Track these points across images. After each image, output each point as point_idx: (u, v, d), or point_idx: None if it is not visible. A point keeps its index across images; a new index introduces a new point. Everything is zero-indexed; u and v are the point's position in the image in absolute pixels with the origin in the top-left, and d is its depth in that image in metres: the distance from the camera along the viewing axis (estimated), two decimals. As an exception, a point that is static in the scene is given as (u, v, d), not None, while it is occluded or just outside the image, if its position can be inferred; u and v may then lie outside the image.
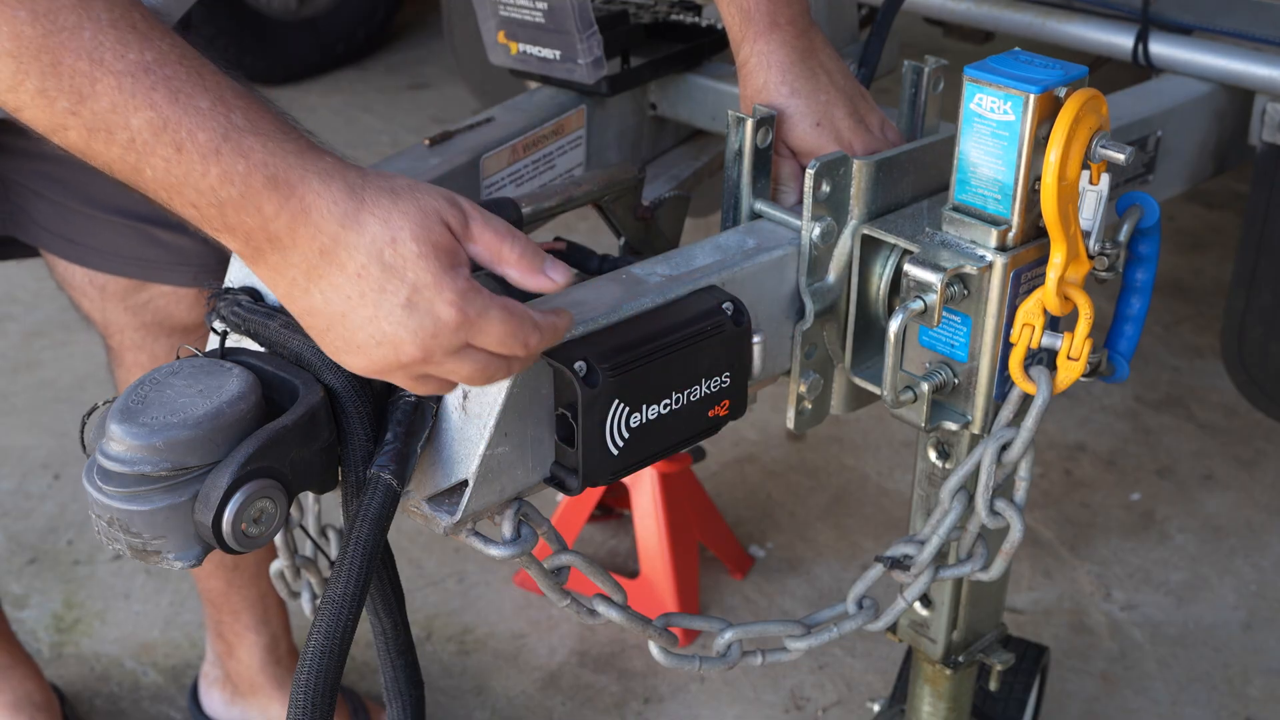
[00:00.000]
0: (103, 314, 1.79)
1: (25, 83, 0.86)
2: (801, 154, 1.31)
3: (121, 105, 0.87)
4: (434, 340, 0.93)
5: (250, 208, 0.89)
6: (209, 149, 0.88)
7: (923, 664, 1.59)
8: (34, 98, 0.86)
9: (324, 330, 0.94)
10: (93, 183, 1.70)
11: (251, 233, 0.90)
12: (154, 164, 0.88)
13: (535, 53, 1.54)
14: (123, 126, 0.87)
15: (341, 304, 0.92)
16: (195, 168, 0.88)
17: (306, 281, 0.92)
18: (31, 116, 0.88)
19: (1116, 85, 1.68)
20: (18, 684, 2.12)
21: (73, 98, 0.86)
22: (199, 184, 0.89)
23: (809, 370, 1.29)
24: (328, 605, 0.96)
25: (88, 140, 0.88)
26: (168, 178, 0.89)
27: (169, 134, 0.87)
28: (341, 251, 0.91)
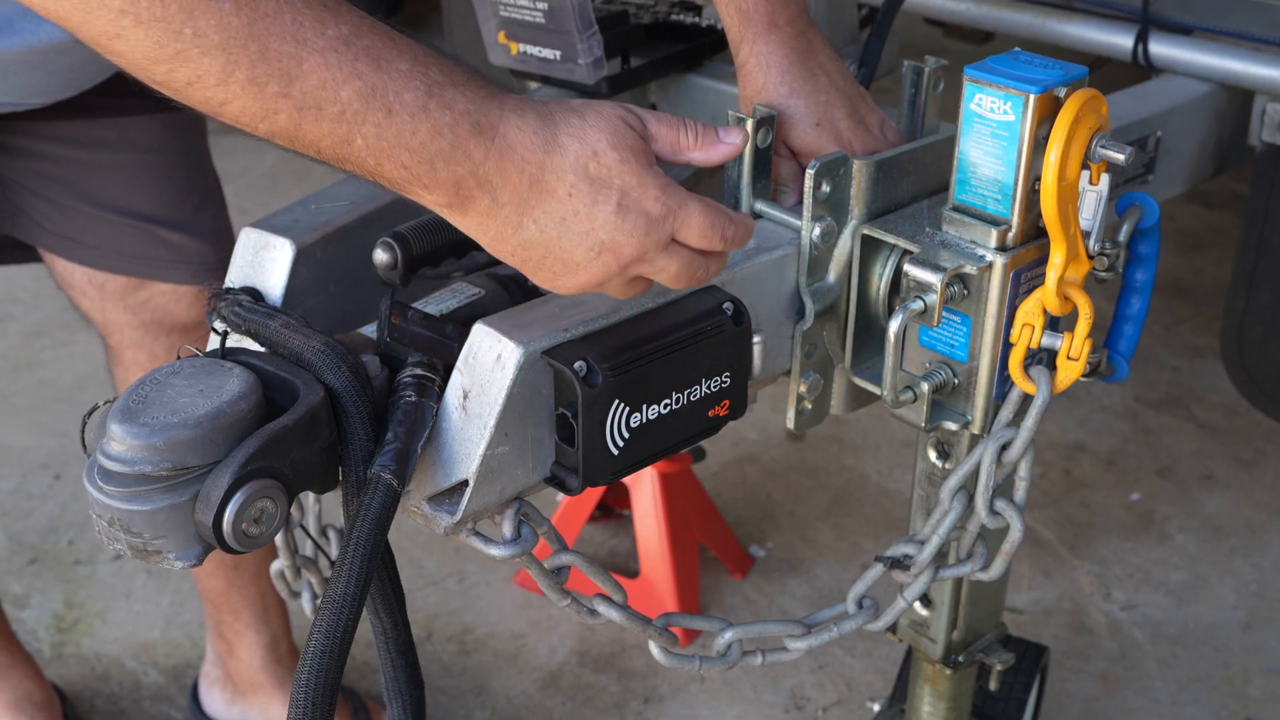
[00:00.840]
0: (102, 313, 1.79)
1: (236, 73, 0.87)
2: (801, 154, 1.31)
3: (329, 80, 0.89)
4: (648, 236, 0.99)
5: (460, 156, 0.93)
6: (416, 107, 0.91)
7: (923, 664, 1.59)
8: (244, 86, 0.88)
9: (540, 260, 0.98)
10: (92, 181, 1.70)
11: (462, 180, 0.94)
12: (365, 131, 0.91)
13: (535, 53, 1.54)
14: (332, 100, 0.89)
15: (556, 227, 0.97)
16: (406, 127, 0.91)
17: (519, 216, 0.96)
18: (240, 106, 0.89)
19: (1116, 85, 1.68)
20: (18, 683, 2.12)
21: (283, 80, 0.88)
22: (410, 142, 0.92)
23: (809, 370, 1.30)
24: (328, 605, 0.96)
25: (298, 121, 0.90)
26: (379, 143, 0.91)
27: (378, 100, 0.90)
28: (550, 176, 0.96)
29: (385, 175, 0.94)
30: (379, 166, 0.93)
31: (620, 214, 0.98)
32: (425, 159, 0.93)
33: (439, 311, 1.14)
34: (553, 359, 1.03)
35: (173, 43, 0.86)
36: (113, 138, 1.69)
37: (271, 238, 1.17)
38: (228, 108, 0.89)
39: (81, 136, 1.67)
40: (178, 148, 1.76)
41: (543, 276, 1.00)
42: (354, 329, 1.18)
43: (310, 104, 0.89)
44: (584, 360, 1.03)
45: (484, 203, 0.95)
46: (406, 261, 1.11)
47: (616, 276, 1.00)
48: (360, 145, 0.91)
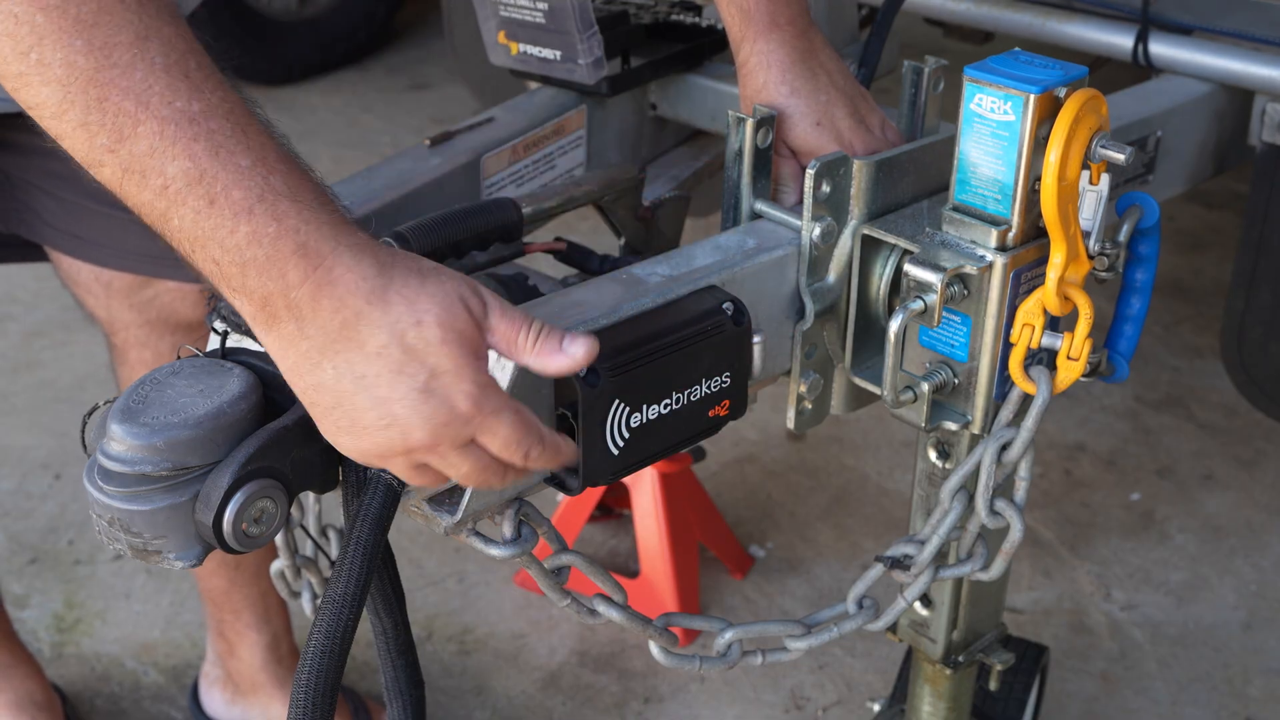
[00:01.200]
0: (108, 311, 1.79)
1: (69, 113, 0.85)
2: (802, 154, 1.31)
3: (160, 151, 0.86)
4: (445, 429, 0.91)
5: (275, 272, 0.88)
6: (242, 207, 0.87)
7: (923, 664, 1.59)
8: (75, 129, 0.86)
9: (328, 408, 0.91)
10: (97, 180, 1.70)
11: (270, 297, 0.89)
12: (183, 214, 0.87)
13: (536, 53, 1.54)
14: (158, 172, 0.86)
15: (353, 382, 0.89)
16: (225, 224, 0.87)
17: (319, 355, 0.90)
18: (70, 145, 0.88)
19: (1116, 85, 1.68)
20: (19, 683, 2.12)
21: (113, 136, 0.86)
22: (226, 240, 0.87)
23: (809, 370, 1.30)
24: (328, 605, 0.96)
25: (121, 179, 0.87)
26: (195, 230, 0.87)
27: (203, 186, 0.87)
28: (364, 328, 0.89)
29: (197, 265, 0.90)
30: (192, 253, 0.89)
31: (424, 395, 0.90)
32: (238, 261, 0.88)
33: (439, 311, 1.13)
34: (553, 359, 1.03)
35: (17, 63, 0.85)
36: None
37: (272, 238, 1.16)
38: (62, 141, 0.88)
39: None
40: None
41: (327, 426, 0.93)
42: (354, 329, 1.18)
43: (135, 168, 0.86)
44: (584, 360, 1.03)
45: (288, 328, 0.89)
46: (407, 261, 1.10)
47: (400, 456, 0.92)
48: (177, 226, 0.88)
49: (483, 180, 1.45)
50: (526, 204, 1.27)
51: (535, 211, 1.28)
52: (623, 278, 1.16)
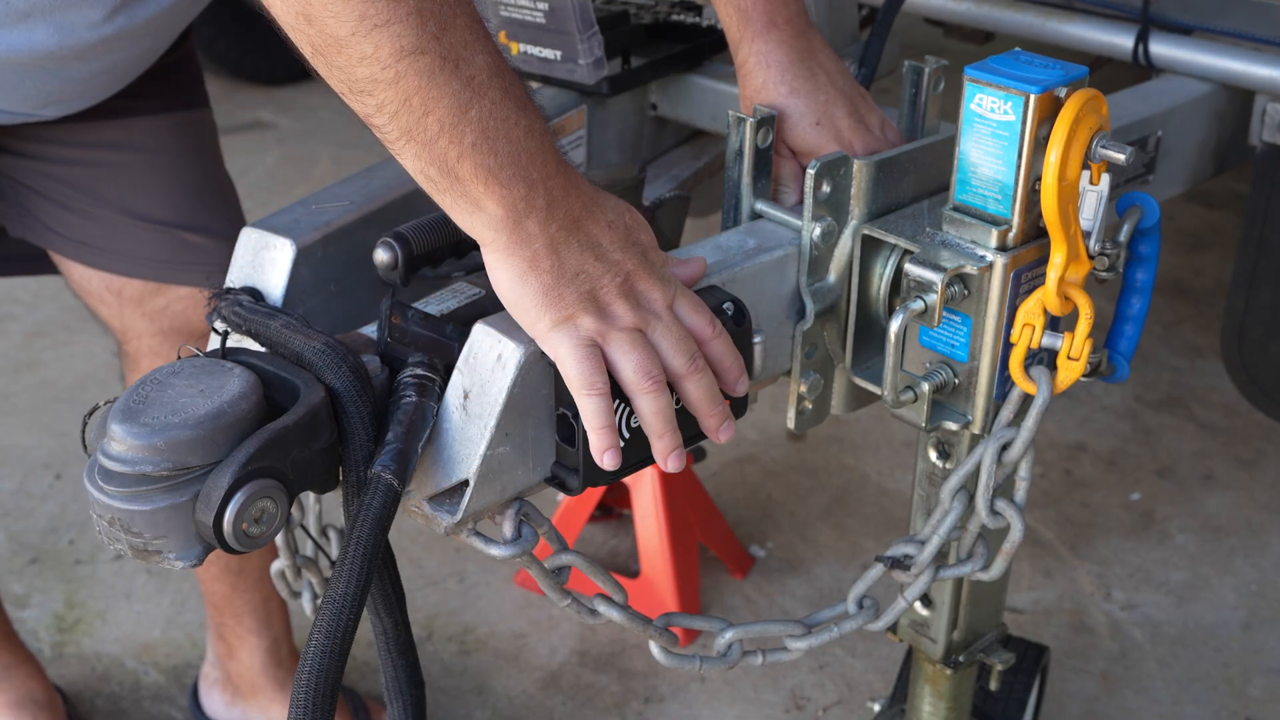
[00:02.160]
0: (120, 320, 1.78)
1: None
2: (802, 154, 1.31)
3: (472, 43, 0.94)
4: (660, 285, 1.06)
5: (540, 162, 0.98)
6: (523, 101, 0.98)
7: (923, 664, 1.59)
8: (410, 13, 0.90)
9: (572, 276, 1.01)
10: (103, 184, 1.70)
11: (534, 186, 0.98)
12: (483, 104, 0.94)
13: (536, 53, 1.54)
14: (469, 61, 0.93)
15: (595, 250, 1.03)
16: (512, 115, 0.96)
17: (567, 233, 1.01)
18: (397, 31, 0.90)
19: (1117, 85, 1.68)
20: (20, 683, 2.12)
21: (440, 24, 0.91)
22: (511, 132, 0.96)
23: (809, 370, 1.30)
24: (329, 605, 0.96)
25: (437, 70, 0.92)
26: (489, 120, 0.95)
27: (501, 79, 0.96)
28: (597, 208, 1.04)
29: (469, 163, 0.96)
30: (474, 147, 0.95)
31: (641, 257, 1.06)
32: (515, 152, 0.96)
33: (439, 311, 1.14)
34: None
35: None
36: (124, 139, 1.69)
37: (272, 238, 1.17)
38: (383, 30, 0.90)
39: (93, 139, 1.66)
40: (188, 149, 1.76)
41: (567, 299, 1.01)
42: (354, 329, 1.18)
43: (453, 56, 0.92)
44: (584, 360, 1.03)
45: (540, 215, 0.99)
46: (407, 261, 1.11)
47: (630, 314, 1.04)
48: (474, 116, 0.94)
49: (483, 180, 1.45)
50: (527, 204, 1.26)
51: (535, 211, 1.28)
52: (623, 278, 1.16)
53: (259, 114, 4.71)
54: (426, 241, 1.12)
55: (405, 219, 1.14)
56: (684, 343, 1.06)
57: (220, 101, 1.84)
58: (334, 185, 1.27)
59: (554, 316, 1.01)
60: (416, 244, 1.12)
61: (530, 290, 1.01)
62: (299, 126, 4.60)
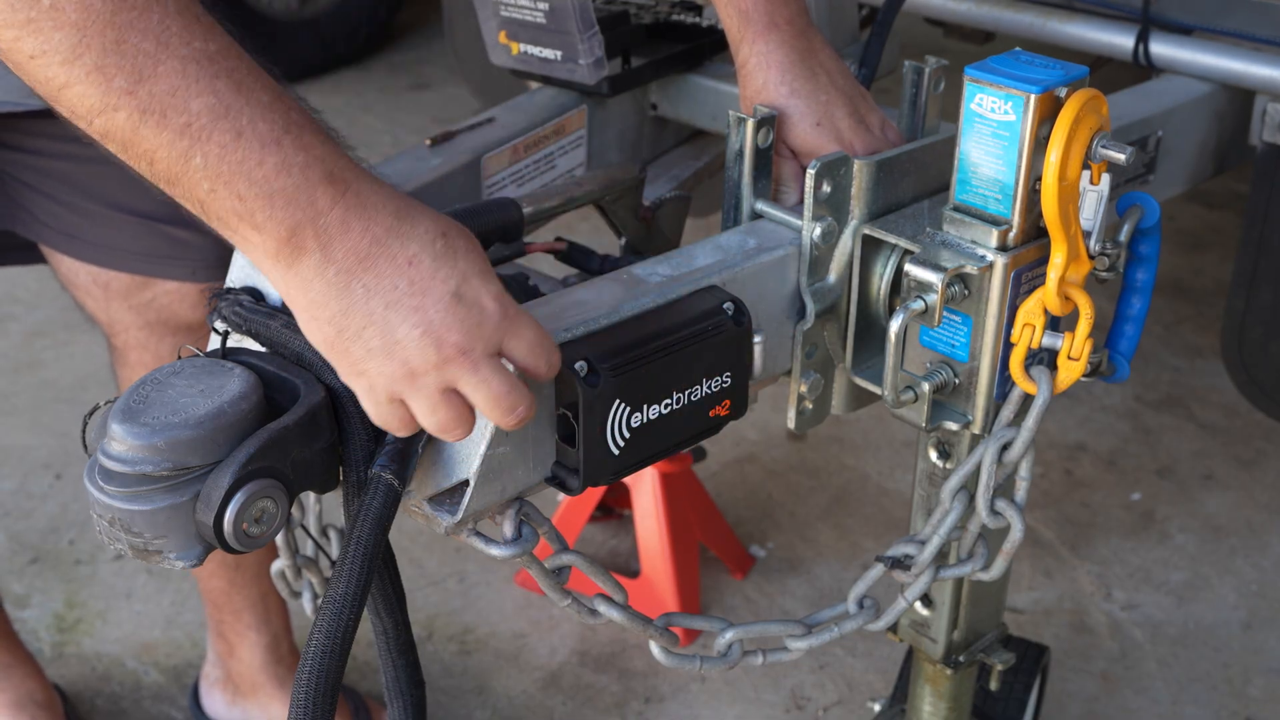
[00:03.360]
0: (107, 313, 1.79)
1: (85, 57, 0.84)
2: (802, 154, 1.31)
3: (183, 89, 0.86)
4: (478, 331, 0.93)
5: (304, 199, 0.89)
6: (269, 139, 0.88)
7: (923, 664, 1.59)
8: (89, 73, 0.85)
9: (356, 332, 0.92)
10: (92, 177, 1.70)
11: (298, 227, 0.89)
12: (207, 150, 0.87)
13: (536, 53, 1.54)
14: (180, 110, 0.86)
15: (386, 295, 0.91)
16: (252, 155, 0.87)
17: (348, 277, 0.90)
18: (79, 93, 0.86)
19: (1117, 85, 1.68)
20: (20, 683, 2.12)
21: (132, 77, 0.85)
22: (253, 173, 0.88)
23: (810, 370, 1.30)
24: (329, 605, 0.96)
25: (138, 124, 0.86)
26: (220, 165, 0.87)
27: (229, 120, 0.87)
28: (394, 241, 0.91)
29: (215, 207, 0.89)
30: (211, 193, 0.88)
31: (455, 299, 0.92)
32: (265, 194, 0.88)
33: (440, 311, 1.13)
34: (553, 359, 1.03)
35: (27, 9, 0.83)
36: None
37: (272, 238, 1.16)
38: (66, 92, 0.86)
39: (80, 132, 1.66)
40: None
41: (354, 352, 0.93)
42: (355, 329, 1.18)
43: (155, 109, 0.86)
44: (585, 360, 1.03)
45: (313, 258, 0.90)
46: (407, 261, 1.10)
47: (432, 371, 0.93)
48: (198, 164, 0.87)
49: (483, 180, 1.45)
50: (527, 204, 1.27)
51: (536, 211, 1.28)
52: (623, 278, 1.16)
53: (259, 114, 4.70)
54: (427, 241, 1.12)
55: (405, 219, 1.14)
56: (493, 390, 0.95)
57: (220, 101, 1.84)
58: (334, 185, 1.27)
59: (345, 369, 0.94)
60: (417, 244, 1.11)
61: (317, 339, 0.94)
62: (299, 126, 4.60)
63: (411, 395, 0.95)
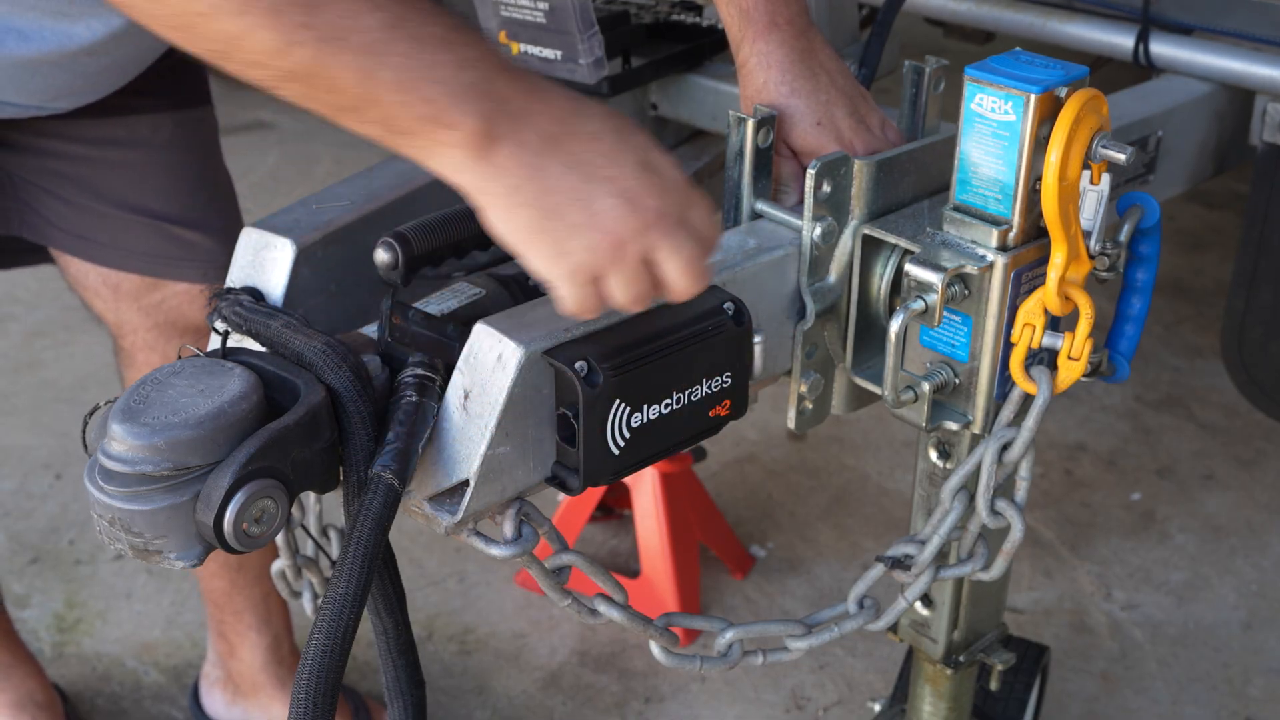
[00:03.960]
0: (116, 314, 1.79)
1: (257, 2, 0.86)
2: (802, 154, 1.31)
3: (352, 10, 0.88)
4: (670, 195, 0.97)
5: (487, 89, 0.91)
6: (442, 39, 0.90)
7: (923, 664, 1.59)
8: (264, 16, 0.86)
9: (559, 208, 0.94)
10: (104, 179, 1.70)
11: (489, 116, 0.91)
12: (391, 60, 0.89)
13: (536, 53, 1.54)
14: (357, 29, 0.88)
15: (582, 169, 0.94)
16: (434, 56, 0.90)
17: (542, 157, 0.93)
18: (258, 40, 0.87)
19: (1117, 85, 1.68)
20: (20, 683, 2.13)
21: (304, 9, 0.86)
22: (437, 73, 0.90)
23: (810, 370, 1.30)
24: (329, 605, 0.96)
25: (317, 53, 0.87)
26: (407, 72, 0.89)
27: (404, 28, 0.89)
28: (577, 119, 0.95)
29: (404, 118, 0.91)
30: (402, 104, 0.90)
31: (646, 168, 0.96)
32: (452, 91, 0.90)
33: (440, 311, 1.14)
34: (554, 359, 1.03)
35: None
36: (126, 135, 1.69)
37: (272, 237, 1.17)
38: (243, 42, 0.87)
39: (94, 135, 1.67)
40: (190, 145, 1.76)
41: (557, 233, 0.95)
42: (355, 329, 1.18)
43: (333, 34, 0.88)
44: (585, 360, 1.03)
45: (508, 144, 0.92)
46: (407, 261, 1.11)
47: (636, 238, 0.95)
48: (386, 77, 0.89)
49: (483, 180, 1.45)
50: (527, 204, 1.26)
51: (536, 211, 1.28)
52: (623, 278, 1.16)
53: (259, 114, 4.70)
54: (427, 241, 1.12)
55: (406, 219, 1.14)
56: (690, 257, 0.99)
57: (220, 101, 1.84)
58: (334, 185, 1.27)
59: (549, 253, 0.96)
60: (417, 244, 1.12)
61: (518, 225, 0.95)
62: (300, 126, 4.60)
63: (613, 269, 0.97)
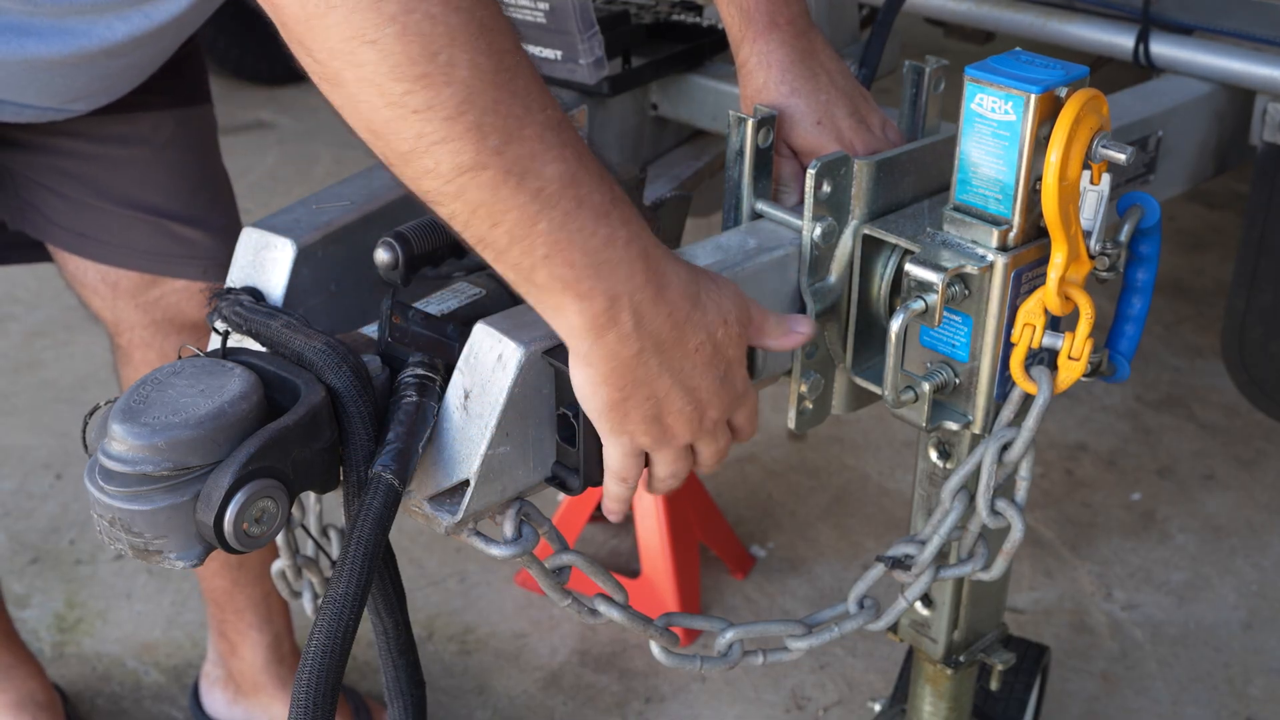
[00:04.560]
0: (113, 311, 1.79)
1: (468, 114, 0.86)
2: (803, 154, 1.31)
3: (540, 154, 0.89)
4: (730, 407, 1.06)
5: (625, 273, 0.94)
6: (601, 210, 0.92)
7: (924, 664, 1.59)
8: (468, 130, 0.86)
9: (641, 399, 1.00)
10: (105, 176, 1.70)
11: (618, 298, 0.94)
12: (553, 216, 0.90)
13: (536, 53, 1.54)
14: (537, 174, 0.89)
15: (673, 375, 1.00)
16: (588, 225, 0.91)
17: (647, 355, 0.98)
18: (453, 149, 0.87)
19: (1117, 85, 1.68)
20: (20, 683, 2.13)
21: (503, 137, 0.87)
22: (588, 242, 0.92)
23: (810, 370, 1.30)
24: (329, 605, 0.96)
25: (499, 184, 0.88)
26: (562, 231, 0.91)
27: (574, 189, 0.91)
28: (688, 328, 0.99)
29: (544, 274, 0.92)
30: (546, 259, 0.91)
31: (722, 383, 1.04)
32: (594, 264, 0.92)
33: (440, 311, 1.14)
34: (554, 359, 1.03)
35: (425, 64, 0.84)
36: (128, 132, 1.69)
37: (272, 237, 1.17)
38: (440, 148, 0.87)
39: (96, 132, 1.67)
40: (190, 144, 1.77)
41: (629, 416, 1.01)
42: (355, 329, 1.18)
43: (517, 170, 0.88)
44: (585, 360, 1.03)
45: (623, 330, 0.96)
46: (408, 261, 1.11)
47: (688, 438, 1.04)
48: (543, 229, 0.90)
49: (484, 180, 1.45)
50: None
51: (536, 211, 1.27)
52: (624, 278, 1.16)
53: (259, 114, 4.71)
54: (427, 241, 1.12)
55: (406, 219, 1.14)
56: (722, 453, 1.09)
57: (220, 101, 1.84)
58: (335, 185, 1.27)
59: (614, 427, 1.02)
60: (417, 244, 1.12)
61: (599, 400, 1.00)
62: (299, 126, 4.60)
63: (660, 451, 1.05)
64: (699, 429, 1.04)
